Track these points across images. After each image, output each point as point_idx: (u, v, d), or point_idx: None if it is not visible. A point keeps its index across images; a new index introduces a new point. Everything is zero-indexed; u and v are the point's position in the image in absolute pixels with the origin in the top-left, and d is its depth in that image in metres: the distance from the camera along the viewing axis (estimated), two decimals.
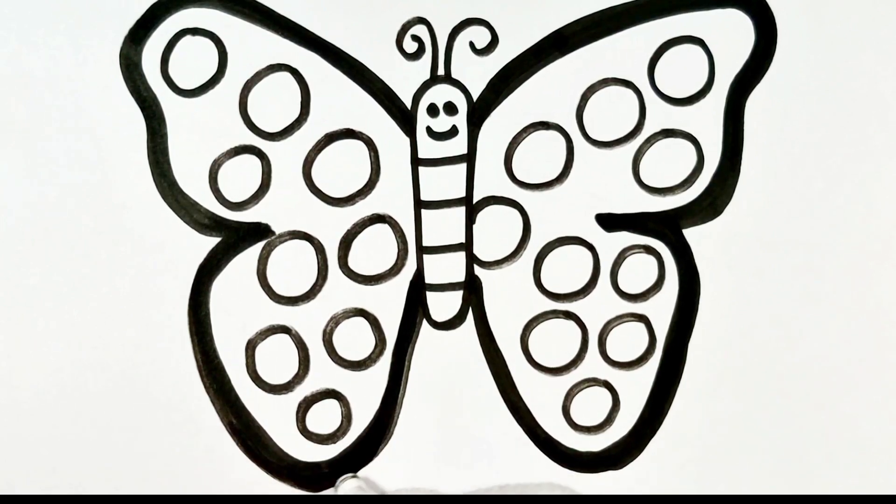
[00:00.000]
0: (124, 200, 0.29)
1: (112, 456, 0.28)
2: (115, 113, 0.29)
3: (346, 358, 0.29)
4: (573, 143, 0.29)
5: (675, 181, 0.29)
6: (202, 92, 0.29)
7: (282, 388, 0.29)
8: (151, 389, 0.29)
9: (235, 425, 0.28)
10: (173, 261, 0.29)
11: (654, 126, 0.29)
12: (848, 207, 0.29)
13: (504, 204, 0.29)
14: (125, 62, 0.29)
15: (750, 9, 0.29)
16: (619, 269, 0.29)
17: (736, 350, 0.28)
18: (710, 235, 0.29)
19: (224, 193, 0.29)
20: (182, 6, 0.29)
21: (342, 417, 0.29)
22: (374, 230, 0.29)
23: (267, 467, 0.28)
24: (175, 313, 0.29)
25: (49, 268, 0.29)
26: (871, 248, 0.28)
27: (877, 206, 0.29)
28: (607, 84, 0.29)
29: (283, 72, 0.29)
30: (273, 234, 0.29)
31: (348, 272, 0.29)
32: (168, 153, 0.29)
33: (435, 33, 0.29)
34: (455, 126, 0.29)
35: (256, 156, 0.29)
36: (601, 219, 0.29)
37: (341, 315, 0.29)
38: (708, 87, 0.29)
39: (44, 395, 0.28)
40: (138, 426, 0.28)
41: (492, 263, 0.29)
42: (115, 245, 0.29)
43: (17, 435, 0.28)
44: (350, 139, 0.29)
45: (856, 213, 0.28)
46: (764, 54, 0.29)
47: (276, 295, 0.29)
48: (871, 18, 0.29)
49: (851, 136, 0.29)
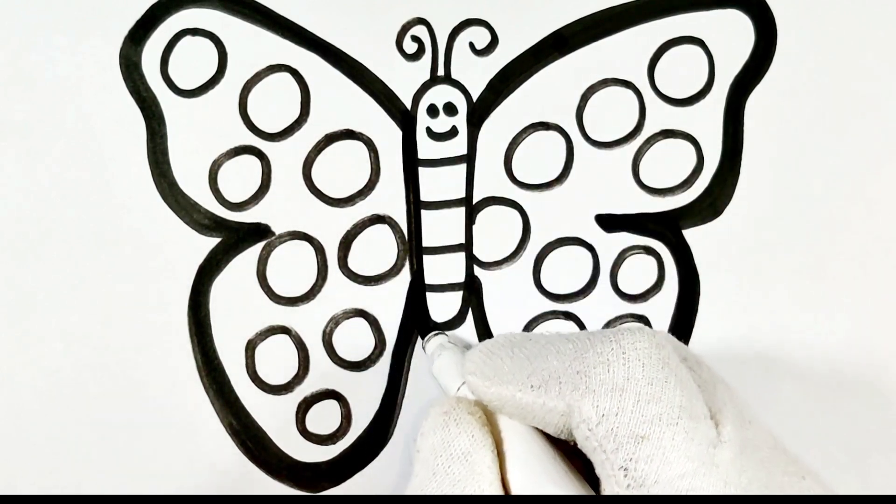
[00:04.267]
0: (124, 200, 0.29)
1: (112, 456, 0.28)
2: (114, 113, 0.29)
3: (345, 358, 0.29)
4: (573, 144, 0.29)
5: (674, 182, 0.29)
6: (202, 92, 0.29)
7: (281, 389, 0.29)
8: (151, 390, 0.28)
9: (235, 426, 0.28)
10: (173, 261, 0.29)
11: (653, 126, 0.29)
12: (848, 207, 0.28)
13: (504, 204, 0.29)
14: (125, 62, 0.29)
15: (750, 9, 0.29)
16: (618, 269, 0.29)
17: (736, 350, 0.28)
18: (710, 235, 0.29)
19: (224, 194, 0.29)
20: (182, 6, 0.29)
21: (342, 418, 0.29)
22: (373, 231, 0.29)
23: (267, 468, 0.28)
24: (175, 314, 0.29)
25: (48, 268, 0.29)
26: (871, 248, 0.28)
27: (877, 206, 0.29)
28: (607, 84, 0.29)
29: (283, 72, 0.29)
30: (273, 235, 0.29)
31: (348, 273, 0.29)
32: (168, 153, 0.29)
33: (435, 34, 0.29)
34: (455, 126, 0.29)
35: (256, 156, 0.29)
36: (601, 219, 0.29)
37: (341, 315, 0.29)
38: (708, 88, 0.29)
39: (44, 395, 0.28)
40: (138, 426, 0.28)
41: (492, 264, 0.29)
42: (114, 245, 0.29)
43: (17, 435, 0.28)
44: (350, 140, 0.29)
45: (856, 213, 0.28)
46: (764, 54, 0.29)
47: (275, 295, 0.29)
48: (871, 18, 0.29)
49: (851, 136, 0.29)
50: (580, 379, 0.22)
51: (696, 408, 0.21)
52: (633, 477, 0.21)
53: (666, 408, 0.21)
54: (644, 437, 0.21)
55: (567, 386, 0.22)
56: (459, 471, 0.22)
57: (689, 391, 0.22)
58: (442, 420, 0.23)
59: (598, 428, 0.21)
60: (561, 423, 0.22)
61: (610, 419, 0.21)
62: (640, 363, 0.21)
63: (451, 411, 0.23)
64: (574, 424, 0.22)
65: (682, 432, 0.21)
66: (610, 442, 0.21)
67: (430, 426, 0.24)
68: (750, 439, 0.22)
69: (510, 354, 0.23)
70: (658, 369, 0.21)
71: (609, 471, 0.21)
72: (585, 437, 0.21)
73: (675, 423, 0.21)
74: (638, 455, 0.21)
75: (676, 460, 0.21)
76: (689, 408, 0.21)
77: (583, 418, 0.21)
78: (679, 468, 0.20)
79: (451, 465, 0.23)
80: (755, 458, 0.22)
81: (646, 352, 0.22)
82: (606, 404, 0.21)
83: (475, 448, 0.23)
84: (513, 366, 0.23)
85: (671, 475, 0.20)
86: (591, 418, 0.21)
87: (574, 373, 0.22)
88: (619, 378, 0.21)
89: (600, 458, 0.21)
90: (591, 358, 0.22)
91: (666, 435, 0.21)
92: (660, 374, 0.21)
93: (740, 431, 0.22)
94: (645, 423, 0.21)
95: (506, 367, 0.23)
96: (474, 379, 0.23)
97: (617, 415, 0.21)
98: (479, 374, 0.23)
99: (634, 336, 0.22)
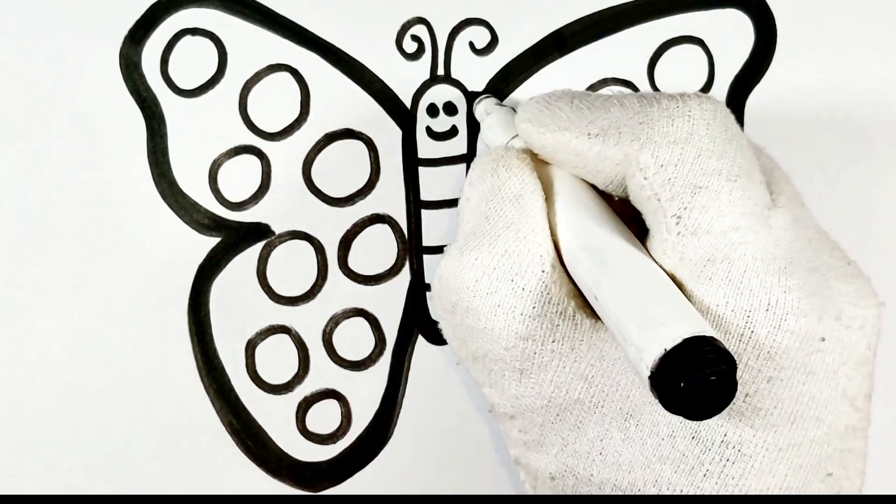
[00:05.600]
0: (124, 200, 0.29)
1: (112, 456, 0.28)
2: (114, 113, 0.29)
3: (345, 358, 0.29)
4: None
5: None
6: (202, 92, 0.29)
7: (281, 389, 0.29)
8: (151, 389, 0.28)
9: (235, 425, 0.28)
10: (173, 261, 0.29)
11: None
12: (848, 207, 0.28)
13: None
14: (125, 62, 0.29)
15: (750, 9, 0.29)
16: None
17: None
18: None
19: (224, 193, 0.29)
20: (182, 6, 0.29)
21: (342, 417, 0.29)
22: (373, 230, 0.29)
23: (267, 467, 0.28)
24: (175, 313, 0.29)
25: (49, 268, 0.29)
26: (871, 248, 0.28)
27: (877, 206, 0.29)
28: (607, 84, 0.29)
29: (283, 72, 0.29)
30: (273, 234, 0.29)
31: (348, 272, 0.29)
32: (168, 153, 0.29)
33: (435, 33, 0.29)
34: (455, 126, 0.29)
35: (256, 156, 0.29)
36: None
37: (341, 315, 0.29)
38: (708, 88, 0.29)
39: (44, 395, 0.28)
40: (138, 426, 0.28)
41: None
42: (115, 245, 0.29)
43: (17, 435, 0.28)
44: (350, 139, 0.29)
45: (856, 213, 0.28)
46: (764, 54, 0.29)
47: (275, 295, 0.29)
48: (871, 18, 0.29)
49: (851, 136, 0.29)
50: (642, 129, 0.21)
51: (755, 172, 0.21)
52: (686, 225, 0.21)
53: (727, 164, 0.21)
54: (702, 187, 0.21)
55: (627, 136, 0.21)
56: (512, 213, 0.22)
57: (749, 156, 0.21)
58: (491, 166, 0.23)
59: (655, 177, 0.21)
60: (613, 174, 0.22)
61: (669, 169, 0.21)
62: (704, 122, 0.21)
63: (500, 158, 0.23)
64: (630, 174, 0.22)
65: (739, 189, 0.21)
66: (666, 191, 0.21)
67: (478, 174, 0.23)
68: (801, 217, 0.22)
69: (570, 104, 0.23)
70: (722, 130, 0.21)
71: (661, 218, 0.21)
72: (640, 186, 0.21)
73: (734, 180, 0.21)
74: (693, 204, 0.20)
75: (731, 213, 0.20)
76: (748, 169, 0.21)
77: (641, 167, 0.21)
78: (733, 221, 0.20)
79: (503, 207, 0.22)
80: (805, 234, 0.22)
81: (711, 113, 0.21)
82: (667, 155, 0.21)
83: (526, 191, 0.23)
84: (571, 114, 0.23)
85: (724, 226, 0.20)
86: (650, 167, 0.21)
87: (637, 123, 0.21)
88: (682, 132, 0.21)
89: (653, 206, 0.21)
90: (656, 112, 0.21)
91: (724, 188, 0.21)
92: (723, 135, 0.21)
93: (794, 208, 0.22)
94: (704, 176, 0.21)
95: (564, 115, 0.23)
96: (528, 126, 0.23)
97: (676, 165, 0.21)
98: (535, 122, 0.23)
99: (701, 99, 0.22)
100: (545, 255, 0.22)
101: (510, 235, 0.22)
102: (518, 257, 0.22)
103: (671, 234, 0.21)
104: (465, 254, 0.22)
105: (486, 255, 0.22)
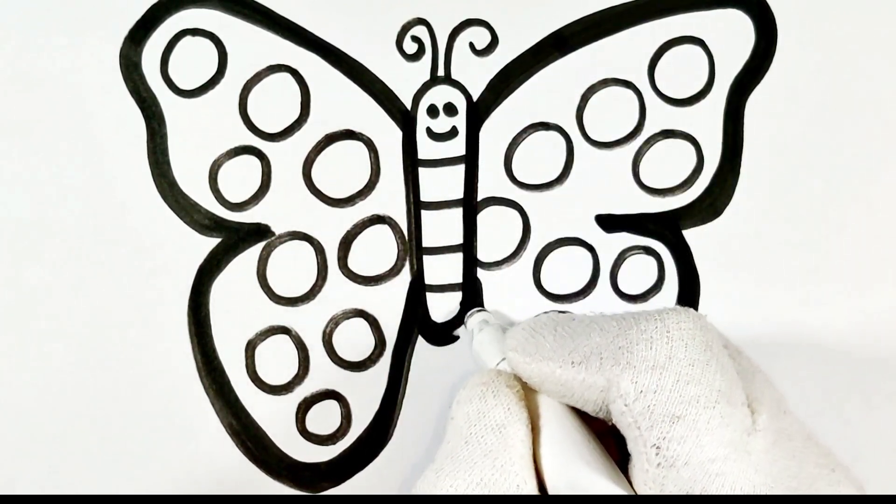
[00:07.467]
0: (124, 200, 0.29)
1: (112, 456, 0.28)
2: (114, 113, 0.29)
3: (345, 359, 0.29)
4: (573, 144, 0.29)
5: (674, 182, 0.29)
6: (202, 92, 0.29)
7: (281, 389, 0.29)
8: (151, 390, 0.28)
9: (235, 426, 0.28)
10: (173, 261, 0.29)
11: (654, 127, 0.29)
12: (848, 207, 0.28)
13: (504, 205, 0.29)
14: (125, 62, 0.29)
15: (750, 9, 0.29)
16: (619, 270, 0.29)
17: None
18: (710, 236, 0.29)
19: (224, 194, 0.29)
20: (182, 7, 0.29)
21: (342, 418, 0.29)
22: (373, 231, 0.29)
23: (267, 468, 0.28)
24: (175, 314, 0.29)
25: (49, 268, 0.29)
26: (871, 248, 0.28)
27: (877, 206, 0.29)
28: (607, 84, 0.29)
29: (283, 72, 0.29)
30: (273, 235, 0.29)
31: (348, 273, 0.29)
32: (168, 153, 0.29)
33: (435, 34, 0.29)
34: (455, 127, 0.29)
35: (256, 156, 0.29)
36: (601, 219, 0.29)
37: (341, 316, 0.29)
38: (708, 88, 0.29)
39: (44, 395, 0.28)
40: (138, 426, 0.28)
41: (492, 264, 0.29)
42: (115, 245, 0.29)
43: (17, 435, 0.28)
44: (350, 140, 0.29)
45: (856, 213, 0.28)
46: (764, 54, 0.29)
47: (275, 296, 0.29)
48: (871, 18, 0.29)
49: (851, 136, 0.29)
50: (622, 354, 0.21)
51: (735, 394, 0.21)
52: (665, 456, 0.21)
53: (705, 390, 0.21)
54: (680, 417, 0.21)
55: (608, 361, 0.22)
56: (492, 441, 0.22)
57: (729, 377, 0.21)
58: (480, 390, 0.23)
59: (634, 404, 0.21)
60: (600, 400, 0.22)
61: (648, 396, 0.21)
62: (683, 343, 0.21)
63: (489, 382, 0.23)
64: (611, 399, 0.22)
65: (717, 416, 0.21)
66: (645, 419, 0.21)
67: (466, 395, 0.23)
68: (784, 429, 0.22)
69: (553, 332, 0.23)
70: (701, 351, 0.21)
71: (641, 447, 0.21)
72: (621, 412, 0.21)
73: (712, 407, 0.21)
74: (672, 435, 0.21)
75: (709, 444, 0.20)
76: (727, 393, 0.21)
77: (620, 393, 0.21)
78: (711, 452, 0.20)
79: (484, 434, 0.22)
80: (788, 447, 0.22)
81: (690, 332, 0.21)
82: (646, 381, 0.21)
83: (510, 421, 0.22)
84: (555, 343, 0.23)
85: (702, 458, 0.20)
86: (629, 394, 0.21)
87: (616, 348, 0.22)
88: (661, 356, 0.21)
89: (634, 434, 0.21)
90: (635, 335, 0.22)
91: (702, 417, 0.21)
92: (702, 356, 0.21)
93: (776, 421, 0.22)
94: (682, 404, 0.21)
95: (548, 344, 0.23)
96: (515, 355, 0.23)
97: (655, 392, 0.21)
98: (521, 351, 0.23)
99: (680, 316, 0.22)
100: (522, 486, 0.22)
101: (487, 464, 0.22)
102: (493, 487, 0.22)
103: (651, 466, 0.21)
104: (441, 478, 0.22)
105: (461, 482, 0.22)
